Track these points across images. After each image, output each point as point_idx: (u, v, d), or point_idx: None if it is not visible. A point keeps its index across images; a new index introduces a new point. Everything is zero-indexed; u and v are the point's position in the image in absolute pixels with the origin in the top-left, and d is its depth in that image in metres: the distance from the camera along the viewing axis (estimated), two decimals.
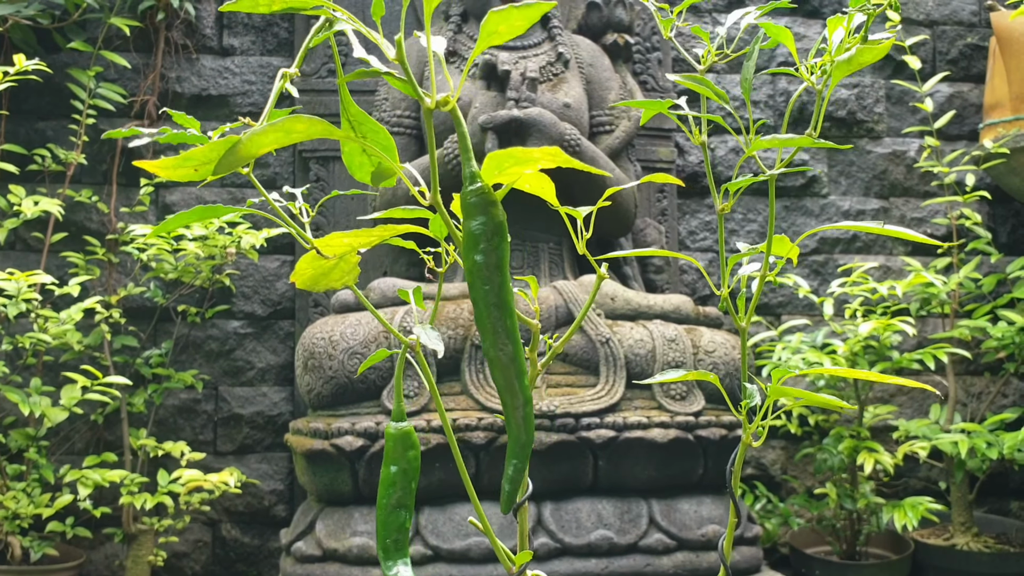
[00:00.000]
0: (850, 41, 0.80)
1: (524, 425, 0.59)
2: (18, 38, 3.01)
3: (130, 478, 2.66)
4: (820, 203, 3.61)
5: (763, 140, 0.81)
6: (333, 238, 0.68)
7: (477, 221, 0.60)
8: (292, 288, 3.26)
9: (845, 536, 3.00)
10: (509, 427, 0.61)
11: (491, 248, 0.60)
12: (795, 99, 0.85)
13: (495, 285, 0.59)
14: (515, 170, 0.67)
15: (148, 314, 3.12)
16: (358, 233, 0.70)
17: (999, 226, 3.67)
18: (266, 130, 0.52)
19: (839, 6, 3.69)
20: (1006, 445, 2.74)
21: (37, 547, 2.62)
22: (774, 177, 0.83)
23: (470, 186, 0.60)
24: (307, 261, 0.70)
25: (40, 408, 2.54)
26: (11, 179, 2.90)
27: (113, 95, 3.02)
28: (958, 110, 3.63)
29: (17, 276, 2.47)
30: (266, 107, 0.59)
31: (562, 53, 2.92)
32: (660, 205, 3.23)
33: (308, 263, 0.70)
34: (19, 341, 2.60)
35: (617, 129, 2.96)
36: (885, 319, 2.83)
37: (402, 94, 3.01)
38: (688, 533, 2.38)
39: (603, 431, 2.35)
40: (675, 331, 2.52)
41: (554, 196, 0.75)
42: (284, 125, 0.52)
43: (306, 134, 0.54)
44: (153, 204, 3.20)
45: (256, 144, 0.52)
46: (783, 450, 3.45)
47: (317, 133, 0.54)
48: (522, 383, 0.60)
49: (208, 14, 3.35)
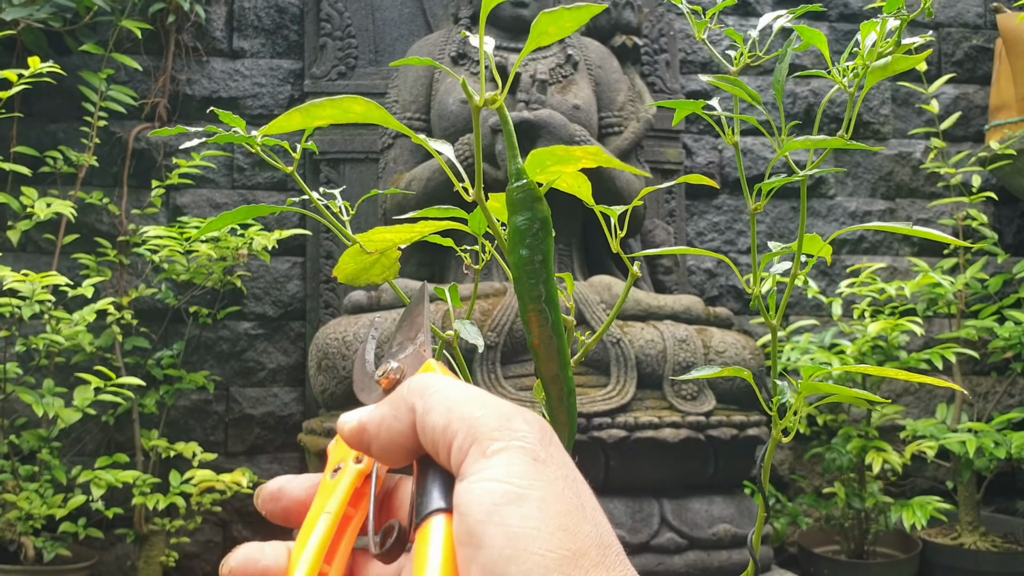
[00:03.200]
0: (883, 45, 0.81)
1: (569, 415, 0.61)
2: (30, 41, 3.02)
3: (142, 479, 2.67)
4: (827, 204, 3.62)
5: (796, 141, 0.82)
6: (375, 233, 0.70)
7: (523, 216, 0.61)
8: (303, 289, 3.28)
9: (853, 535, 3.01)
10: (553, 418, 0.62)
11: (536, 243, 0.61)
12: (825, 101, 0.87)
13: (540, 279, 0.61)
14: (556, 168, 0.68)
15: (159, 315, 3.14)
16: (399, 229, 0.71)
17: (1005, 227, 3.68)
18: (324, 104, 0.54)
19: (845, 8, 3.71)
20: (1014, 444, 2.76)
21: (50, 548, 2.63)
22: (805, 178, 0.85)
23: (516, 182, 0.62)
24: (350, 256, 0.71)
25: (54, 409, 2.55)
26: (23, 181, 2.92)
27: (124, 97, 3.04)
28: (964, 112, 3.64)
29: (32, 277, 2.48)
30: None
31: (571, 55, 2.93)
32: (668, 206, 3.24)
33: (351, 258, 0.71)
34: (32, 342, 2.61)
35: (626, 131, 2.98)
36: (893, 319, 2.85)
37: (411, 97, 3.03)
38: (699, 532, 2.39)
39: (614, 431, 2.36)
40: (686, 331, 2.53)
41: (591, 196, 0.77)
42: (342, 103, 0.54)
43: (363, 116, 0.55)
44: (164, 206, 3.22)
45: (314, 116, 0.54)
46: (791, 450, 3.46)
47: (373, 118, 0.56)
48: (567, 374, 0.61)
49: (218, 16, 3.36)
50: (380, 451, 0.44)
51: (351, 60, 3.23)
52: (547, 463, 0.38)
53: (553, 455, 0.39)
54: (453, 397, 0.41)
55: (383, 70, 3.22)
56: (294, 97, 3.34)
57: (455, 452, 0.39)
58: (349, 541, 0.46)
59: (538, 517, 0.35)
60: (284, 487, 0.48)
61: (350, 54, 3.24)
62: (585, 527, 0.37)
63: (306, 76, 3.28)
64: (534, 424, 0.40)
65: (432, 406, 0.41)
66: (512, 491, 0.36)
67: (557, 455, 0.39)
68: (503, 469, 0.37)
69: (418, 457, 0.43)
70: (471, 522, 0.36)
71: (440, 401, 0.41)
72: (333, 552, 0.45)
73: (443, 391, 0.42)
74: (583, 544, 0.36)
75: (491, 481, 0.36)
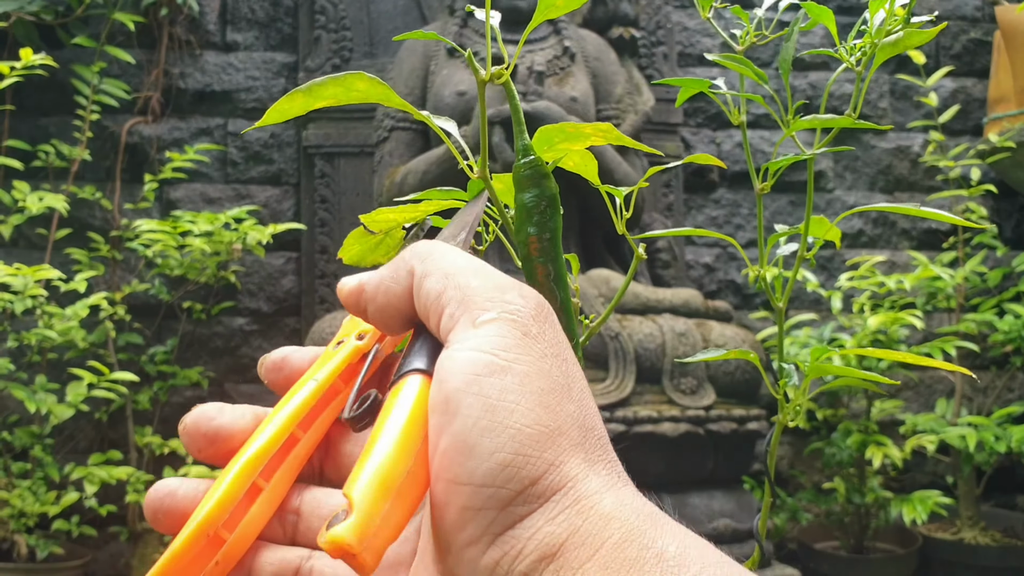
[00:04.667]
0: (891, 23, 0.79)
1: None
2: (21, 34, 2.99)
3: (136, 476, 2.65)
4: (826, 198, 3.60)
5: (803, 120, 0.80)
6: (379, 213, 0.68)
7: (530, 193, 0.59)
8: (298, 285, 3.25)
9: (853, 530, 2.99)
10: None
11: (544, 220, 0.59)
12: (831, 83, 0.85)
13: (549, 257, 0.58)
14: (564, 146, 0.66)
15: (153, 311, 3.11)
16: (403, 209, 0.69)
17: (1004, 220, 3.67)
18: (327, 82, 0.51)
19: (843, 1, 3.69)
20: (1014, 438, 2.74)
21: (43, 546, 2.60)
22: (812, 158, 0.83)
23: (522, 159, 0.59)
24: (354, 238, 0.69)
25: (46, 405, 2.52)
26: (15, 175, 2.88)
27: (117, 91, 3.01)
28: (962, 105, 3.63)
29: (24, 271, 2.45)
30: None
31: (568, 47, 2.91)
32: (667, 200, 3.22)
33: (355, 239, 0.69)
34: (24, 338, 2.58)
35: (624, 123, 2.96)
36: (893, 313, 2.83)
37: (407, 89, 3.00)
38: (699, 527, 2.36)
39: (613, 425, 2.34)
40: (685, 325, 2.52)
41: (596, 175, 0.74)
42: (345, 81, 0.52)
43: (365, 95, 0.53)
44: (157, 200, 3.19)
45: (317, 96, 0.51)
46: (790, 445, 3.44)
47: (376, 96, 0.53)
48: (578, 355, 0.59)
49: (211, 9, 3.33)
50: (376, 314, 0.42)
51: (346, 53, 3.20)
52: (537, 339, 0.37)
53: (545, 331, 0.37)
54: (452, 264, 0.40)
55: (378, 63, 3.19)
56: (288, 90, 3.31)
57: (445, 320, 0.38)
58: (332, 413, 0.44)
59: (518, 391, 0.34)
60: (288, 356, 0.47)
61: (345, 47, 3.21)
62: (568, 407, 0.35)
63: (300, 69, 3.25)
64: (530, 299, 0.38)
65: (430, 271, 0.40)
66: (495, 362, 0.35)
67: (549, 332, 0.38)
68: (490, 340, 0.36)
69: (415, 325, 0.41)
70: (449, 389, 0.35)
71: (439, 267, 0.40)
72: (311, 420, 0.43)
73: (444, 257, 0.40)
74: (563, 423, 0.35)
75: (475, 351, 0.35)
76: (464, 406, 0.34)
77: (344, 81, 0.52)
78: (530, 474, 0.33)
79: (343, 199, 3.12)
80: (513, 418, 0.34)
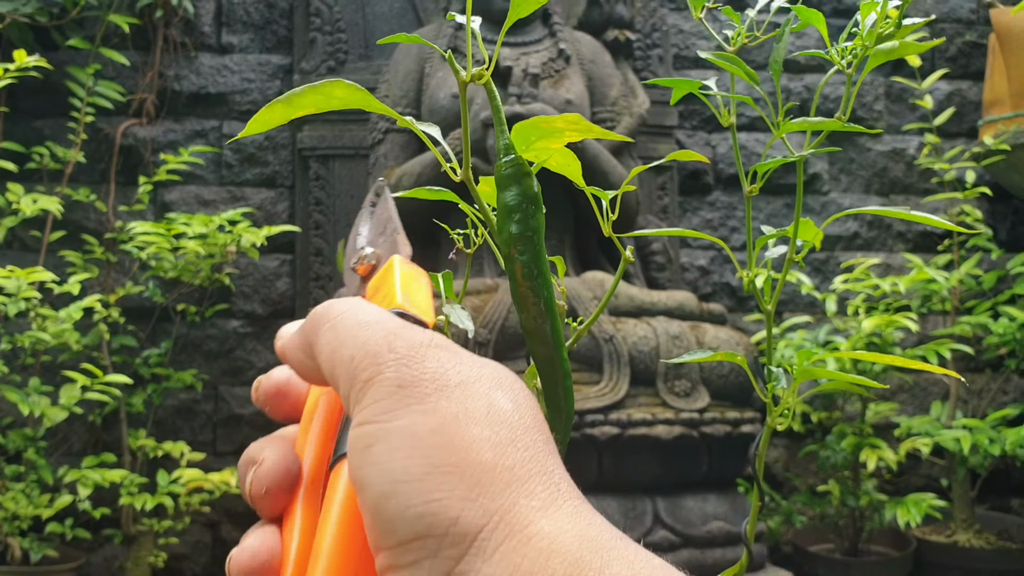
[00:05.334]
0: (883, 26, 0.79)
1: (565, 397, 0.58)
2: (16, 36, 2.99)
3: (130, 479, 2.64)
4: (821, 200, 3.60)
5: (794, 123, 0.80)
6: None
7: (512, 192, 0.58)
8: (292, 287, 3.25)
9: (847, 533, 2.99)
10: (549, 401, 0.59)
11: (526, 218, 0.58)
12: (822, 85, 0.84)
13: (532, 255, 0.58)
14: (542, 145, 0.66)
15: (147, 314, 3.10)
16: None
17: (999, 223, 3.67)
18: (305, 91, 0.51)
19: (839, 3, 3.70)
20: (1008, 441, 2.74)
21: (36, 548, 2.59)
22: (802, 159, 0.82)
23: (504, 158, 0.59)
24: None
25: (40, 408, 2.52)
26: (9, 177, 2.88)
27: (112, 93, 3.01)
28: (957, 107, 3.63)
29: (17, 274, 2.45)
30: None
31: (563, 49, 2.91)
32: (661, 203, 3.22)
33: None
34: (18, 340, 2.57)
35: (619, 126, 2.96)
36: (888, 315, 2.83)
37: (402, 92, 3.00)
38: (693, 530, 2.37)
39: (607, 428, 2.34)
40: (679, 328, 2.51)
41: (580, 175, 0.74)
42: (324, 88, 0.51)
43: (344, 101, 0.53)
44: (152, 203, 3.18)
45: (296, 105, 0.51)
46: (785, 448, 3.44)
47: (355, 102, 0.53)
48: (561, 356, 0.58)
49: (206, 11, 3.33)
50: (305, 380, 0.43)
51: (341, 55, 3.20)
52: (416, 383, 0.36)
53: (427, 369, 0.36)
54: (338, 336, 0.39)
55: (373, 65, 3.19)
56: (283, 92, 3.31)
57: (343, 399, 0.38)
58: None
59: (407, 445, 0.34)
60: (291, 381, 0.45)
61: (340, 48, 3.20)
62: (470, 432, 0.34)
63: (295, 71, 3.25)
64: (416, 338, 0.38)
65: (320, 347, 0.39)
66: (376, 430, 0.35)
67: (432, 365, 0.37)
68: (369, 409, 0.36)
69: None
70: (352, 471, 0.35)
71: (326, 342, 0.39)
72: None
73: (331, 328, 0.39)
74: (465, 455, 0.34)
75: (359, 425, 0.36)
76: (367, 480, 0.34)
77: (323, 89, 0.51)
78: (448, 515, 0.33)
79: (338, 201, 3.12)
80: (408, 473, 0.33)
